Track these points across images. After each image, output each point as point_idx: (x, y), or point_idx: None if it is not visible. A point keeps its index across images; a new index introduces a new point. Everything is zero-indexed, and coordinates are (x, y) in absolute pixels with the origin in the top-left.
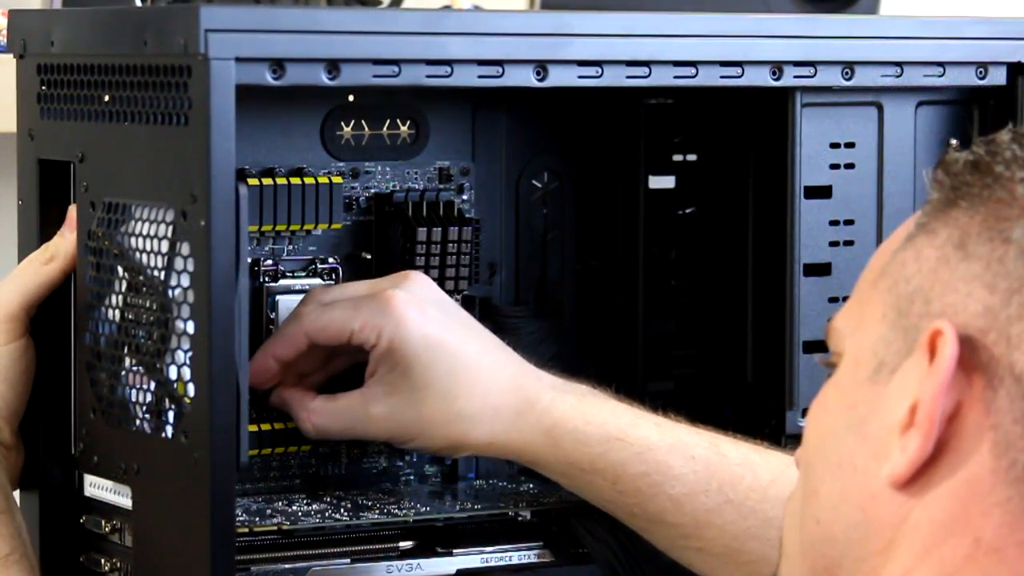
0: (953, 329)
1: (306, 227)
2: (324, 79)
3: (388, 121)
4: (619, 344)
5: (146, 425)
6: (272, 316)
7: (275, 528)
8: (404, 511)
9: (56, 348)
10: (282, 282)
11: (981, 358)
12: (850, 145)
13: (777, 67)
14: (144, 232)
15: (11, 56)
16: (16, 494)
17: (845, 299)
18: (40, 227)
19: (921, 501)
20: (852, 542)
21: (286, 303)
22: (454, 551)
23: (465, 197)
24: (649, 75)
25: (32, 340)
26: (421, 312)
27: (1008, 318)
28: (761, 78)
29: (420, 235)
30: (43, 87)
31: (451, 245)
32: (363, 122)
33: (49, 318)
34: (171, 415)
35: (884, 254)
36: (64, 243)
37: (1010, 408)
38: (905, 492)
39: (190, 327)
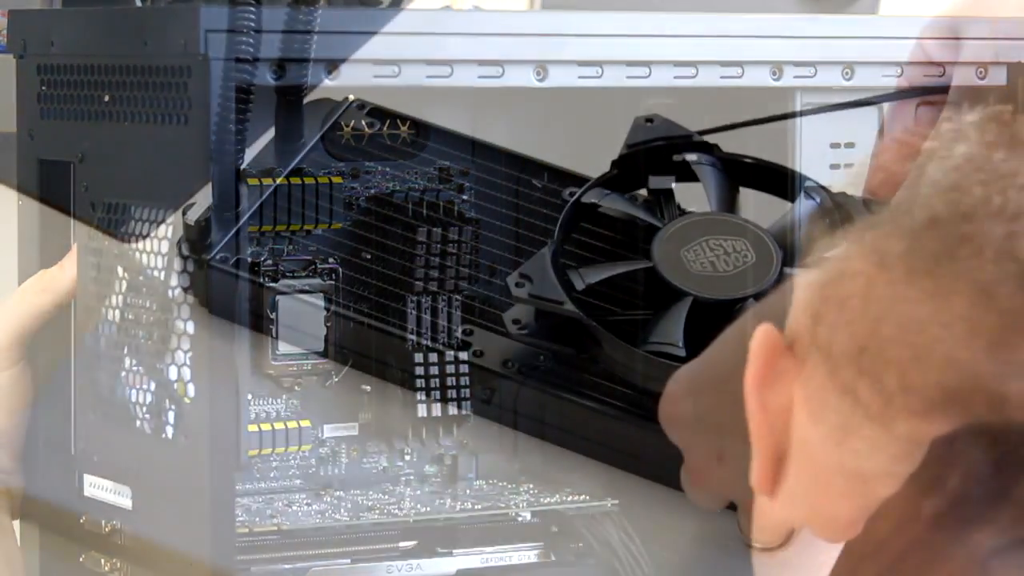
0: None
1: (306, 227)
2: (324, 79)
3: (388, 121)
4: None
5: (146, 425)
6: (272, 316)
7: (275, 528)
8: (404, 511)
9: (56, 348)
10: (282, 282)
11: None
12: (850, 145)
13: (777, 67)
14: (144, 232)
15: (11, 56)
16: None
17: None
18: (40, 227)
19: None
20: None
21: (286, 303)
22: (454, 551)
23: (465, 197)
24: (649, 75)
25: (28, 367)
26: None
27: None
28: (761, 78)
29: (420, 235)
30: (43, 87)
31: (451, 245)
32: (363, 122)
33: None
34: (171, 415)
35: None
36: (61, 275)
37: (814, 375)
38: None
39: (190, 327)
